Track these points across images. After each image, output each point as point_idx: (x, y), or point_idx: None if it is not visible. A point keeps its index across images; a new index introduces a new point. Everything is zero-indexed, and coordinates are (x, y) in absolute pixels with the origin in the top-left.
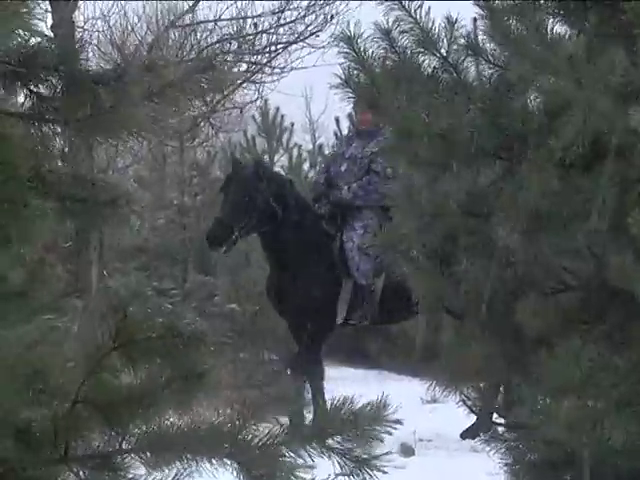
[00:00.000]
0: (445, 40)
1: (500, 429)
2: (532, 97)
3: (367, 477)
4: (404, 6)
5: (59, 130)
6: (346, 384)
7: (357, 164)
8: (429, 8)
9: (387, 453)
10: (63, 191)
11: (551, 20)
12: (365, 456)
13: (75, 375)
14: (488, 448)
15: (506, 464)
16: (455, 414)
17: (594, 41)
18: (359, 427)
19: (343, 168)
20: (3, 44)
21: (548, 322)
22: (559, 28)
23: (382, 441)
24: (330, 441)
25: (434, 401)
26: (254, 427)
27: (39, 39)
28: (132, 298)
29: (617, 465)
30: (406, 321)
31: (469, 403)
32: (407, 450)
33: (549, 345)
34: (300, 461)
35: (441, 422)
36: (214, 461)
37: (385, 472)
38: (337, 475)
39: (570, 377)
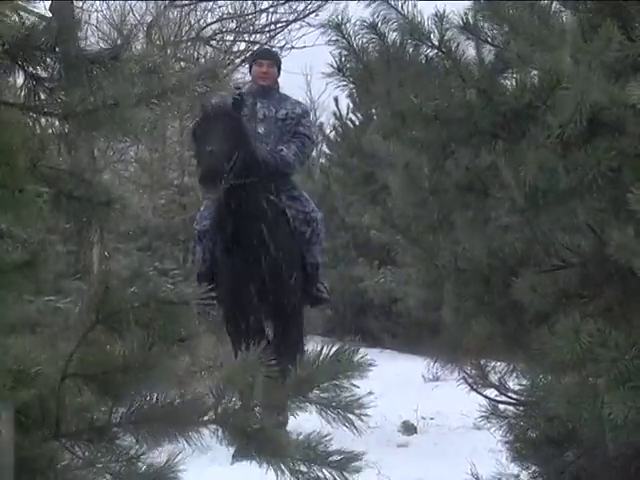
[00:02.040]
0: (436, 31)
1: (501, 406)
2: (529, 74)
3: (349, 423)
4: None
5: (57, 123)
6: None
7: (277, 126)
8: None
9: (369, 394)
10: (60, 187)
11: None
12: (345, 403)
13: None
14: (490, 425)
15: (507, 441)
16: (457, 392)
17: (589, 17)
18: (336, 376)
19: (261, 130)
20: None
21: (547, 299)
22: (554, 5)
23: (358, 387)
24: (310, 394)
25: (436, 379)
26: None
27: (34, 19)
28: (134, 278)
29: (618, 440)
30: None
31: (470, 381)
32: (409, 428)
33: (548, 322)
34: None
35: (443, 400)
36: (201, 429)
37: (367, 415)
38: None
39: (570, 353)
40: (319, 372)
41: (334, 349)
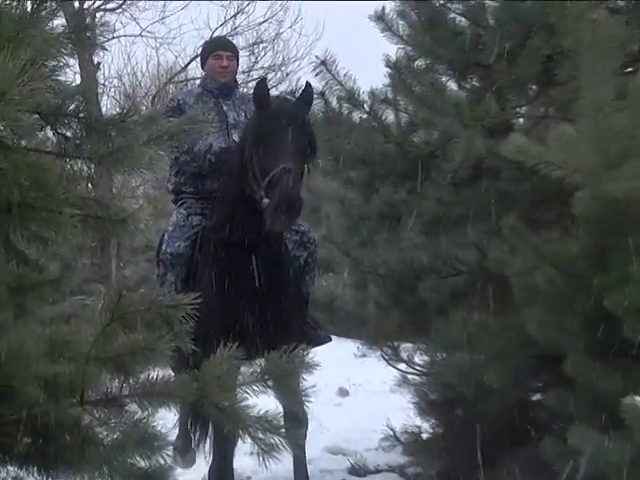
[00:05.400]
0: (369, 100)
1: (410, 376)
2: (431, 133)
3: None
4: (332, 73)
5: (83, 164)
6: None
7: None
8: (352, 75)
9: (312, 386)
10: (87, 210)
11: (443, 78)
12: (295, 391)
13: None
14: (402, 390)
15: (414, 402)
16: (378, 365)
17: (474, 93)
18: (290, 371)
19: (236, 137)
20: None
21: (444, 297)
22: (449, 83)
23: (306, 380)
24: (270, 382)
25: (363, 356)
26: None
27: (66, 89)
28: (142, 283)
29: (494, 400)
30: None
31: (387, 357)
32: (343, 392)
33: (445, 314)
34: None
35: (368, 371)
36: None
37: (310, 402)
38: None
39: (460, 337)
40: (279, 366)
41: (294, 351)
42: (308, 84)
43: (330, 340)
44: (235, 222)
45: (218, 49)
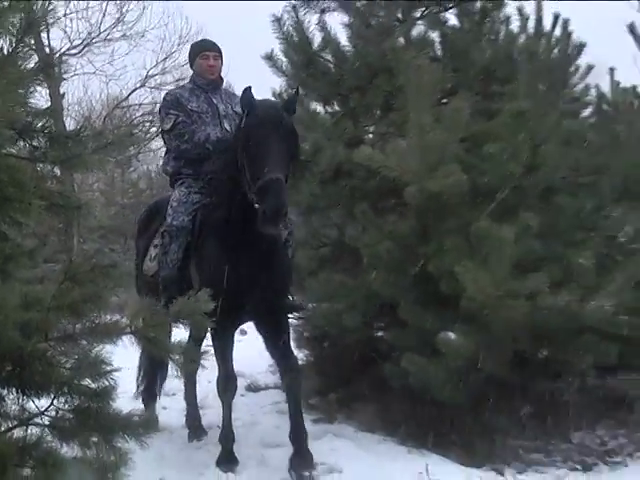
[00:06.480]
0: None
1: (290, 320)
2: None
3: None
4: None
5: (49, 167)
6: None
7: (234, 123)
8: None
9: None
10: (51, 200)
11: (313, 104)
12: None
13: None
14: None
15: (293, 338)
16: None
17: (337, 115)
18: (196, 312)
19: (227, 127)
20: (9, 116)
21: (315, 263)
22: (318, 108)
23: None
24: (181, 320)
25: None
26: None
27: (35, 109)
28: (96, 254)
29: (350, 337)
30: None
31: None
32: (243, 332)
33: (316, 275)
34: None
35: None
36: (131, 337)
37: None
38: None
39: (326, 292)
40: (186, 307)
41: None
42: (296, 91)
43: (304, 308)
44: (234, 213)
45: (205, 50)
